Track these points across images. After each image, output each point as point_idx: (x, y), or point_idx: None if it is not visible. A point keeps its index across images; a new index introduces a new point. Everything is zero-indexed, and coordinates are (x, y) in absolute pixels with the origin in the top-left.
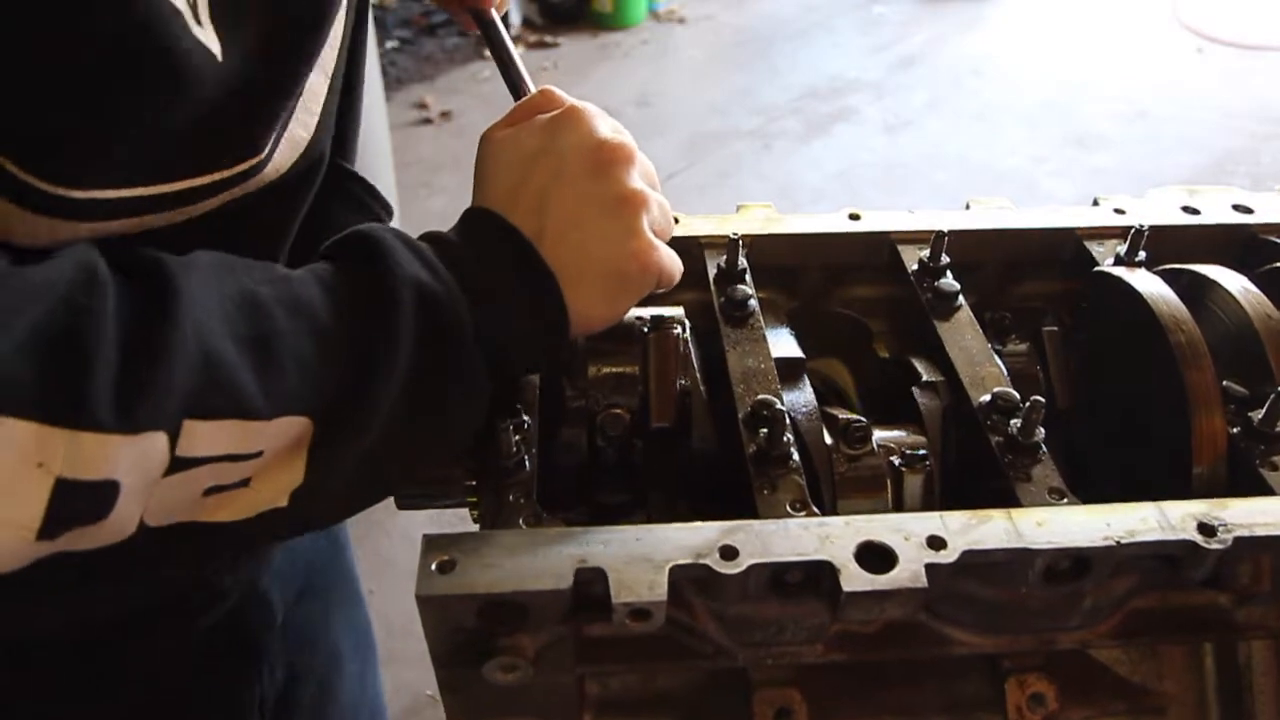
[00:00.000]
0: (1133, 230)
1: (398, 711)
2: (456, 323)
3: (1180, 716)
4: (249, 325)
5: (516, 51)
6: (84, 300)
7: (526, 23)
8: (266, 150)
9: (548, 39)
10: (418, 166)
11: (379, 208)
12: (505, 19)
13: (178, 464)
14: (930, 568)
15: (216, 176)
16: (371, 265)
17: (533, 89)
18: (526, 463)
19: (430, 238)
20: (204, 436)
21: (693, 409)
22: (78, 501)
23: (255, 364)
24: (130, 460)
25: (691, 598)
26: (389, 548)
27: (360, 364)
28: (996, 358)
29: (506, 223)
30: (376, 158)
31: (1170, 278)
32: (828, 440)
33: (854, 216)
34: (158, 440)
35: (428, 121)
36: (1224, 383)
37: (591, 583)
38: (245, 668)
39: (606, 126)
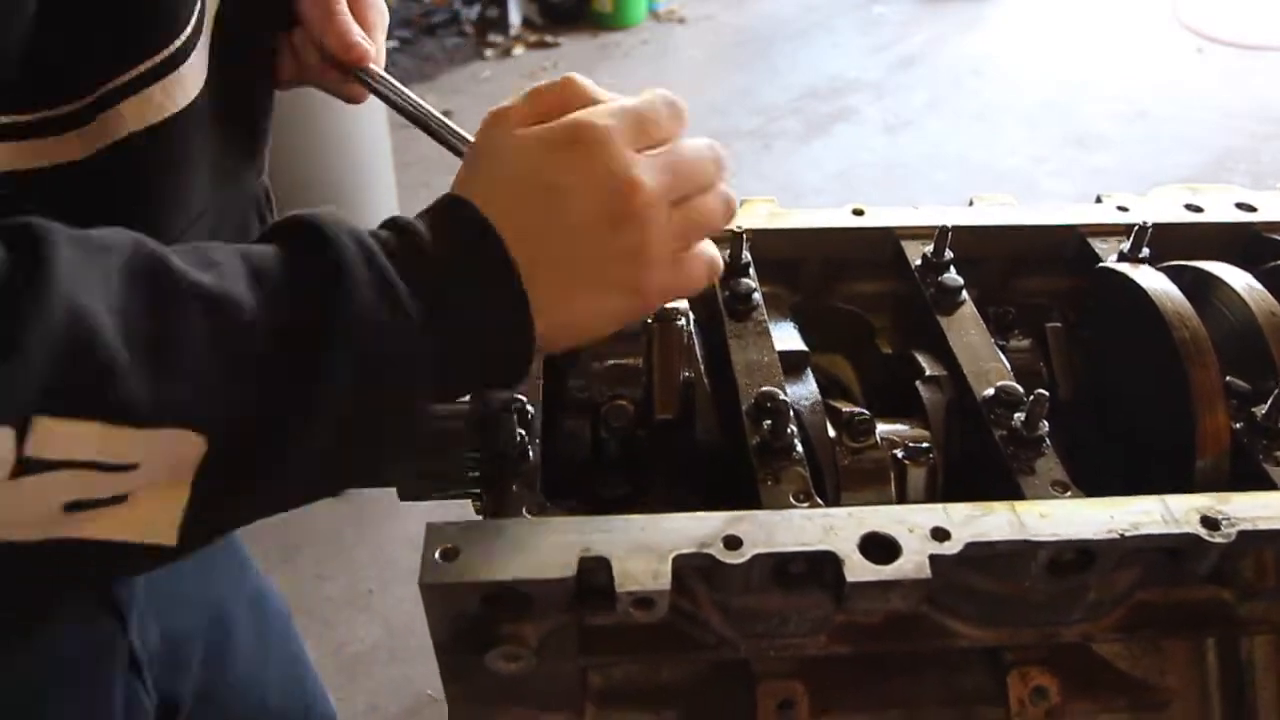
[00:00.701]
0: (1136, 227)
1: (398, 710)
2: (405, 361)
3: (1182, 711)
4: (150, 318)
5: (419, 99)
6: None
7: (526, 23)
8: (189, 26)
9: (548, 39)
10: (418, 166)
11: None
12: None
13: (28, 465)
14: (934, 559)
15: (130, 74)
16: (321, 282)
17: (467, 135)
18: (530, 453)
19: (399, 231)
20: (61, 436)
21: (696, 401)
22: None
23: (143, 362)
24: None
25: (695, 587)
26: (389, 547)
27: (280, 394)
28: (1000, 353)
29: (497, 240)
30: (376, 158)
31: (1174, 274)
32: (831, 433)
33: (858, 212)
34: (2, 435)
35: None
36: (1227, 378)
37: (595, 572)
38: (108, 619)
39: (632, 156)
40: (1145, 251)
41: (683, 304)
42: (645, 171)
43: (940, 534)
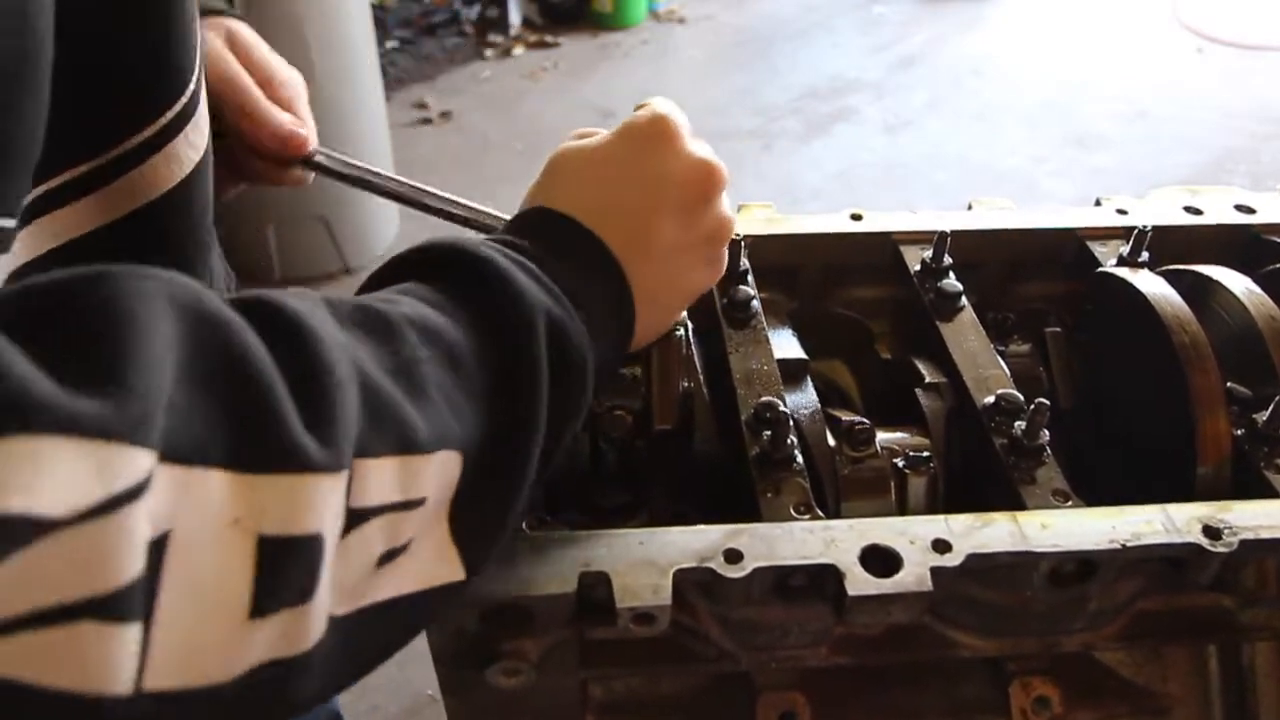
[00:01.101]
0: (1135, 231)
1: (398, 711)
2: (580, 353)
3: (1184, 718)
4: (388, 351)
5: (366, 165)
6: (214, 337)
7: (526, 23)
8: (194, 79)
9: (548, 39)
10: (418, 166)
11: None
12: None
13: (352, 518)
14: (935, 571)
15: (149, 131)
16: (487, 288)
17: (421, 186)
18: None
19: (518, 247)
20: (374, 478)
21: (695, 411)
22: (285, 566)
23: (405, 390)
24: (332, 506)
25: (695, 601)
26: None
27: (505, 399)
28: (1000, 359)
29: (597, 239)
30: (376, 158)
31: (1173, 278)
32: (831, 442)
33: (856, 217)
34: (341, 484)
35: (428, 121)
36: (1228, 384)
37: (595, 587)
38: None
39: (696, 143)
40: (1144, 255)
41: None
42: (712, 155)
43: (941, 546)
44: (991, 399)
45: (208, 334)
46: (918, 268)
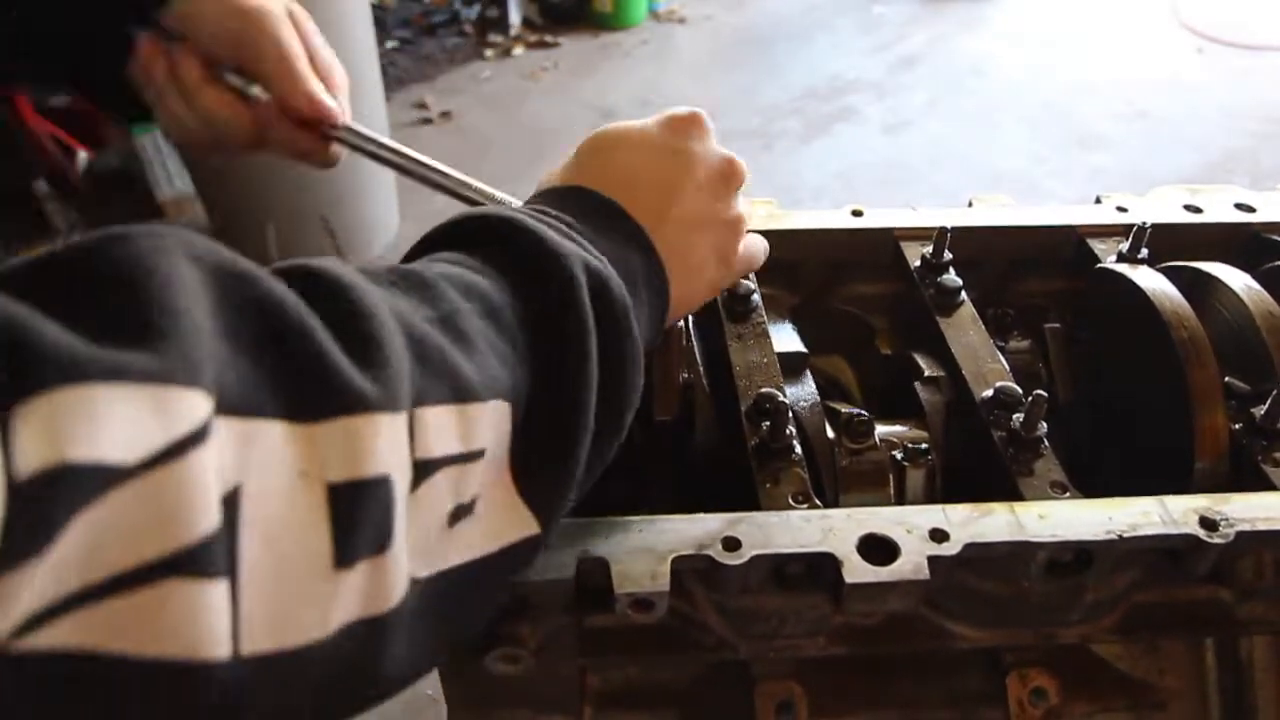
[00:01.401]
0: (1135, 228)
1: (398, 710)
2: (622, 304)
3: (1181, 711)
4: (428, 304)
5: (398, 145)
6: (241, 287)
7: (526, 23)
8: None
9: (548, 39)
10: None
11: None
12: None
13: (419, 470)
14: (932, 560)
15: None
16: (520, 246)
17: (452, 172)
18: None
19: (549, 214)
20: (433, 426)
21: (695, 402)
22: (358, 511)
23: (453, 340)
24: (396, 449)
25: (693, 589)
26: None
27: (551, 349)
28: (999, 354)
29: (621, 209)
30: None
31: (1172, 275)
32: (830, 434)
33: (857, 213)
34: (401, 425)
35: (428, 121)
36: (1226, 379)
37: (593, 573)
38: None
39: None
40: (1144, 252)
41: None
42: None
43: (939, 535)
44: (990, 392)
45: (233, 284)
46: (918, 263)
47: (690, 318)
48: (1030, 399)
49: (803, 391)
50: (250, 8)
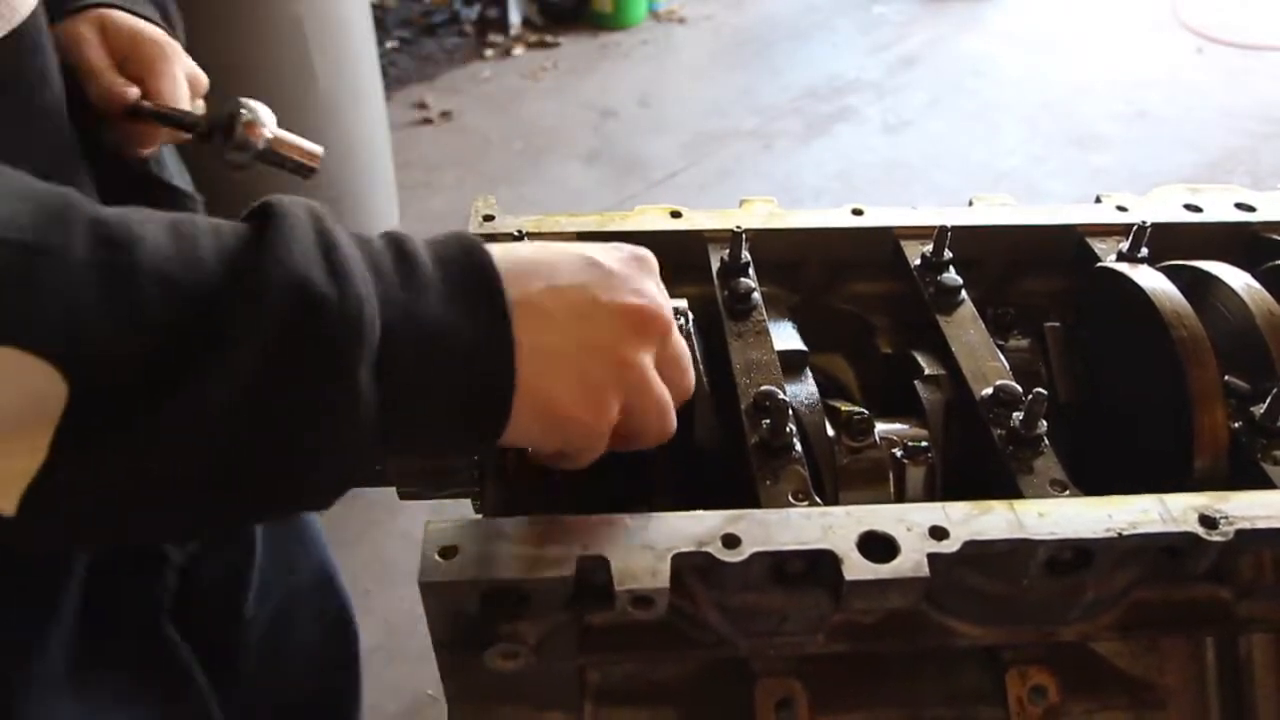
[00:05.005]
0: (1135, 227)
1: (398, 710)
2: (341, 344)
3: (1181, 710)
4: (27, 224)
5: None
6: None
7: (526, 23)
8: None
9: (548, 39)
10: (418, 166)
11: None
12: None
13: None
14: (932, 557)
15: None
16: (254, 236)
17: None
18: (529, 451)
19: (390, 240)
20: None
21: (695, 400)
22: None
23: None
24: None
25: (693, 586)
26: (389, 548)
27: (175, 347)
28: (999, 352)
29: (493, 276)
30: (376, 158)
31: (1172, 274)
32: (830, 432)
33: (857, 212)
34: None
35: (428, 121)
36: (1226, 378)
37: (594, 570)
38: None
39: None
40: (1144, 251)
41: (681, 303)
42: (674, 328)
43: (939, 533)
44: (990, 390)
45: None
46: (918, 262)
47: (691, 315)
48: (1030, 397)
49: (803, 390)
50: (65, 32)
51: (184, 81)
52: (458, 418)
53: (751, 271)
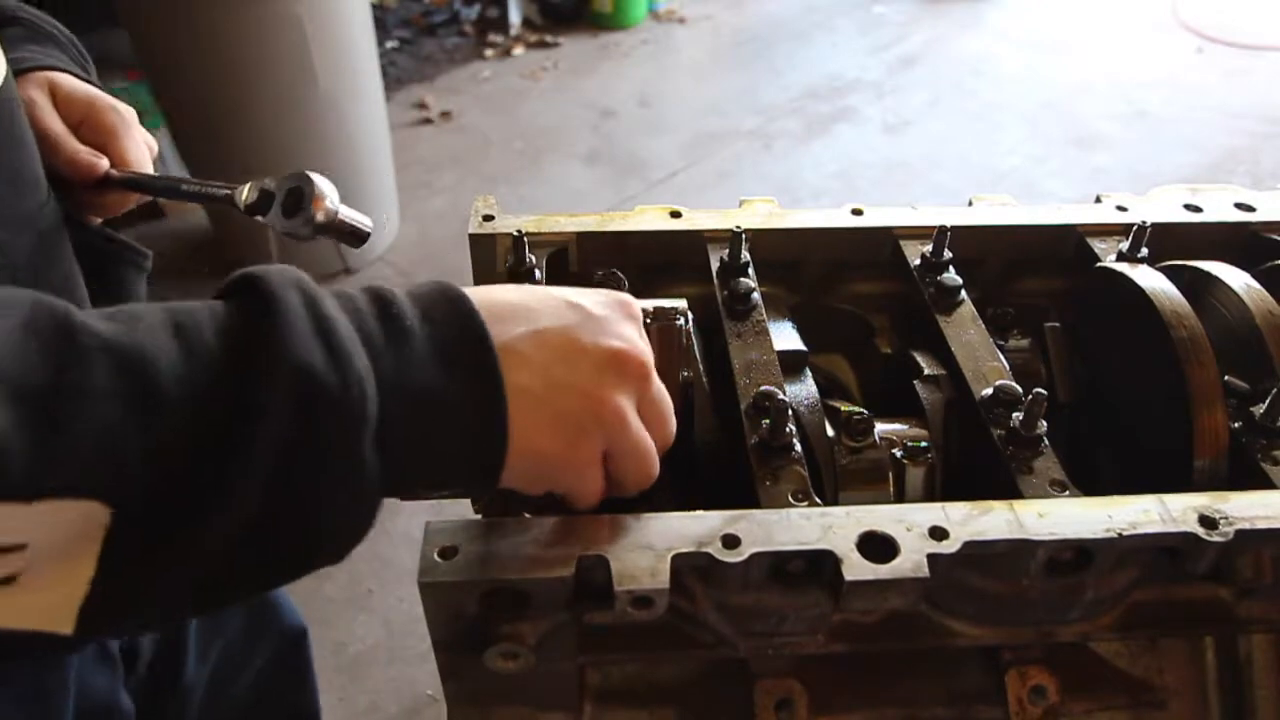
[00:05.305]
0: (1135, 227)
1: (398, 710)
2: (346, 426)
3: (1181, 710)
4: (45, 376)
5: (174, 175)
6: None
7: (526, 23)
8: None
9: (548, 39)
10: (418, 166)
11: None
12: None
13: None
14: (932, 558)
15: None
16: (255, 330)
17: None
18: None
19: (374, 300)
20: None
21: (695, 400)
22: None
23: (35, 426)
24: None
25: (693, 586)
26: (389, 548)
27: (198, 454)
28: (999, 352)
29: (482, 333)
30: (376, 158)
31: (1172, 274)
32: (830, 432)
33: (857, 212)
34: None
35: (428, 121)
36: (1225, 378)
37: (593, 570)
38: None
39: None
40: (1144, 251)
41: (681, 303)
42: (652, 363)
43: (938, 533)
44: (990, 390)
45: None
46: (918, 262)
47: (690, 317)
48: (1030, 397)
49: (802, 390)
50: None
51: (144, 147)
52: (458, 468)
53: (751, 271)
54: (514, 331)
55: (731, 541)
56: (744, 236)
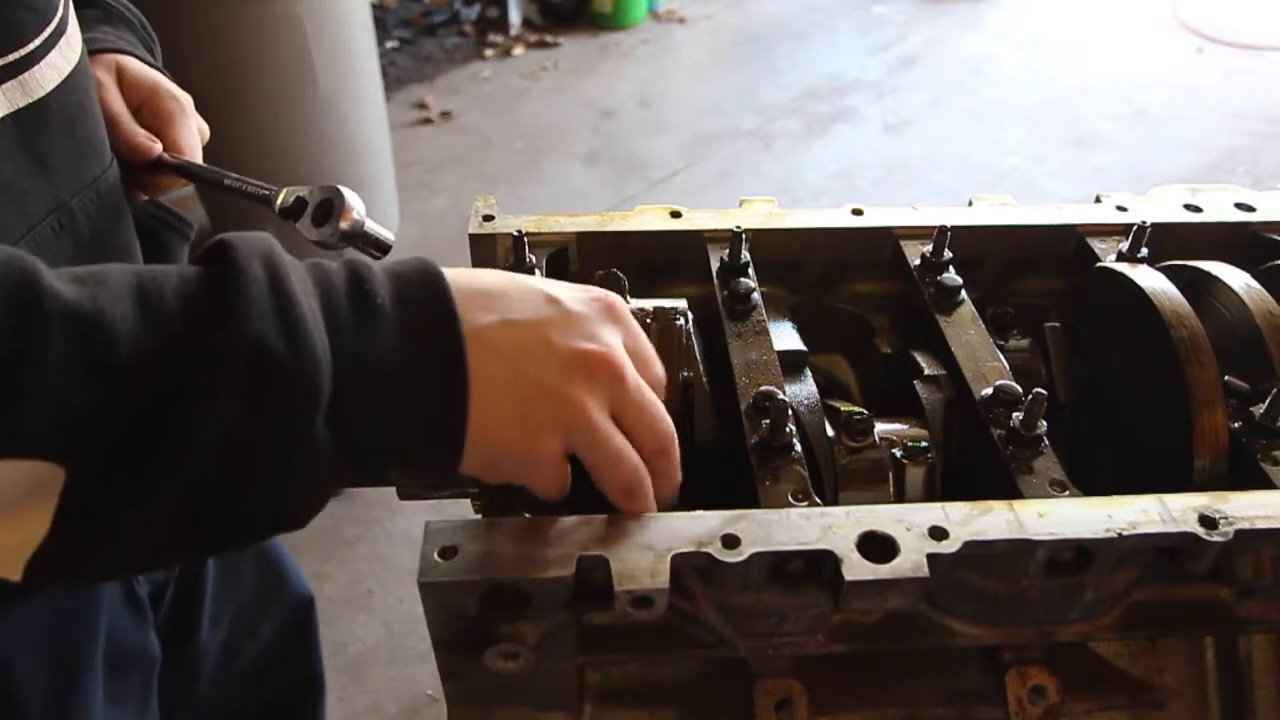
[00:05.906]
0: (1135, 227)
1: (398, 710)
2: (297, 400)
3: (1181, 710)
4: (2, 340)
5: (222, 171)
6: None
7: (526, 23)
8: (59, 13)
9: (548, 39)
10: (418, 166)
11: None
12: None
13: None
14: (932, 558)
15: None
16: (214, 300)
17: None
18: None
19: (350, 275)
20: None
21: (695, 400)
22: None
23: None
24: None
25: (693, 586)
26: (389, 548)
27: (152, 420)
28: (999, 352)
29: (451, 315)
30: (376, 158)
31: (1172, 274)
32: (830, 432)
33: (857, 212)
34: None
35: (428, 121)
36: (1225, 378)
37: (593, 570)
38: None
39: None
40: (1144, 251)
41: (681, 304)
42: (629, 367)
43: (938, 533)
44: (990, 390)
45: None
46: (918, 262)
47: (690, 317)
48: (1030, 397)
49: (802, 390)
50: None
51: (198, 135)
52: (417, 449)
53: (751, 271)
54: (485, 319)
55: (731, 541)
56: (744, 236)
